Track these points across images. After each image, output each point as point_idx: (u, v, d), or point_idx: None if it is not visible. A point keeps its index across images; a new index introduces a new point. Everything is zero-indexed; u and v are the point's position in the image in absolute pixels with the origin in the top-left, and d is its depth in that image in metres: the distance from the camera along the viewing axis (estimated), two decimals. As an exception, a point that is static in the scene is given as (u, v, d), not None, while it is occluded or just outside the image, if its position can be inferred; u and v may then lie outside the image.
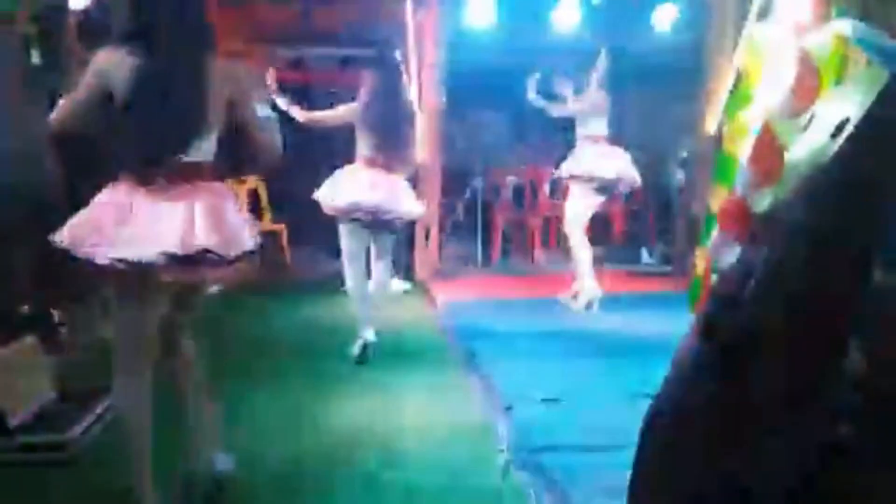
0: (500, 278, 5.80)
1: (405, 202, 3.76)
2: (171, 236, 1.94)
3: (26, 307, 3.82)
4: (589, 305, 4.74)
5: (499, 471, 2.58)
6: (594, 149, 4.70)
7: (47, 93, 3.67)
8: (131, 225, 1.96)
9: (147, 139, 2.01)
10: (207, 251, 1.97)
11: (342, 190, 3.67)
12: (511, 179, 6.55)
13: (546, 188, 6.78)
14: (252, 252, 2.12)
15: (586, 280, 4.75)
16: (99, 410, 2.91)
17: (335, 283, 5.33)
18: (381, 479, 2.53)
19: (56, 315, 4.13)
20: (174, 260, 1.94)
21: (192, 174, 2.04)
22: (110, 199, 2.04)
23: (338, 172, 3.81)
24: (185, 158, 2.03)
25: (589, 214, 4.79)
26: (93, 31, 4.17)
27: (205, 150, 2.09)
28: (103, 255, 1.94)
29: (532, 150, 7.80)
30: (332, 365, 3.73)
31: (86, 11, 3.81)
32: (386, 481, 2.52)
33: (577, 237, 4.77)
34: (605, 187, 4.71)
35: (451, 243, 6.72)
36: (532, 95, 4.78)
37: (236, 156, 2.21)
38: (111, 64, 1.99)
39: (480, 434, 2.90)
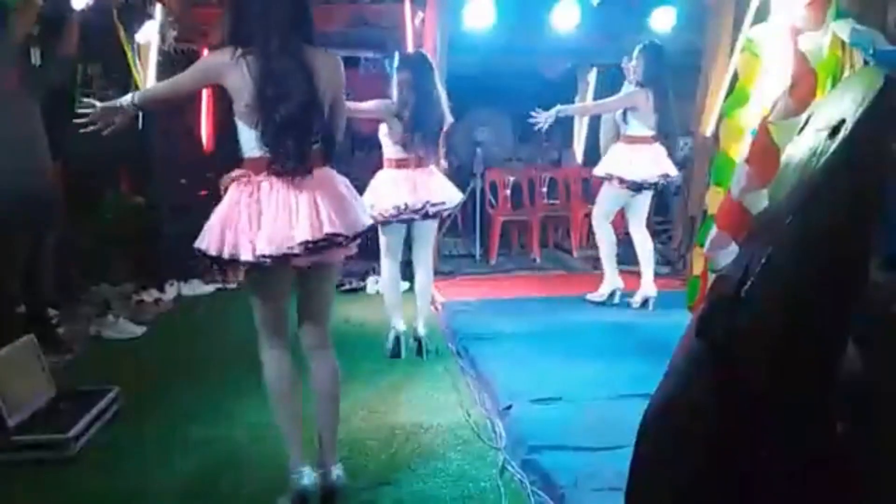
0: (498, 277, 5.80)
1: (448, 192, 3.81)
2: (304, 225, 2.12)
3: (24, 306, 3.83)
4: (647, 301, 4.71)
5: (497, 470, 2.59)
6: (630, 148, 4.61)
7: (45, 93, 3.68)
8: (268, 219, 2.12)
9: (276, 133, 2.14)
10: (336, 234, 2.17)
11: (385, 195, 3.69)
12: (510, 179, 6.56)
13: (544, 188, 6.78)
14: (368, 229, 2.32)
15: (614, 279, 4.79)
16: (98, 409, 2.91)
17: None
18: (379, 479, 2.54)
19: (53, 315, 4.14)
20: (308, 247, 2.12)
21: (310, 162, 2.19)
22: (240, 198, 2.17)
23: (374, 182, 3.80)
24: (302, 148, 2.17)
25: (615, 210, 4.77)
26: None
27: (312, 140, 2.22)
28: (248, 253, 2.11)
29: (530, 149, 7.80)
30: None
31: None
32: (384, 481, 2.53)
33: (602, 236, 4.78)
34: (637, 185, 4.63)
35: (450, 242, 6.72)
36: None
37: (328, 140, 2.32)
38: (224, 65, 2.13)
39: (479, 433, 2.90)
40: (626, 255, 5.09)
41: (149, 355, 3.96)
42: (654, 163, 4.56)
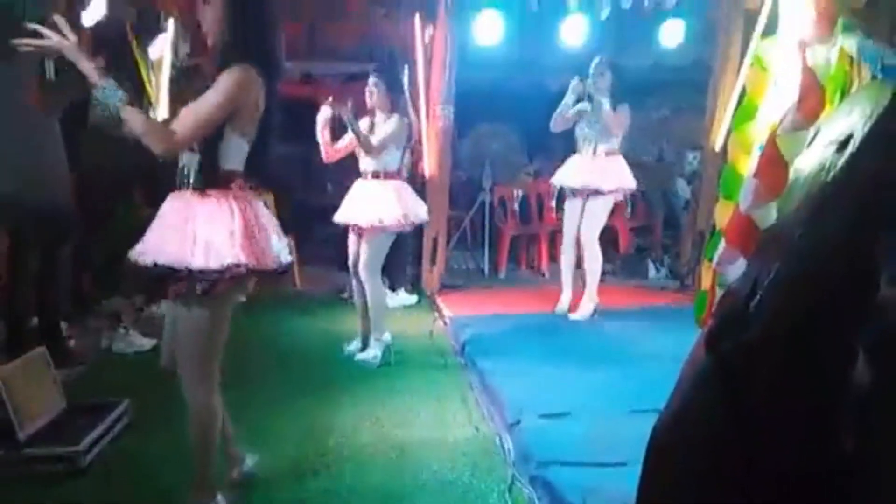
0: (507, 291, 5.79)
1: (416, 207, 4.02)
2: (235, 247, 2.03)
3: (36, 319, 3.85)
4: (594, 314, 4.75)
5: (505, 486, 2.58)
6: (589, 159, 4.71)
7: (61, 108, 3.73)
8: (187, 232, 2.04)
9: (254, 153, 2.14)
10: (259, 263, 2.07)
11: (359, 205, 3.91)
12: (518, 193, 6.57)
13: (553, 202, 6.79)
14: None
15: (565, 294, 4.88)
16: (108, 422, 2.92)
17: (341, 295, 5.38)
18: (387, 493, 2.53)
19: (65, 327, 4.17)
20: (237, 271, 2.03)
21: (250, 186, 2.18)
22: (165, 209, 2.15)
23: (350, 192, 4.00)
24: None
25: (596, 222, 4.78)
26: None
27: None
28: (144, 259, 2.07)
29: (539, 163, 7.81)
30: (338, 377, 3.75)
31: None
32: (391, 495, 2.52)
33: (566, 249, 4.88)
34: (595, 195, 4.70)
35: (459, 256, 6.73)
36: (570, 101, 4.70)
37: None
38: (251, 83, 2.07)
39: (487, 448, 2.89)
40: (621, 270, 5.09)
41: (158, 368, 3.96)
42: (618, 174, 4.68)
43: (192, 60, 5.72)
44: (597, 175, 4.66)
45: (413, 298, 5.52)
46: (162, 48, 5.22)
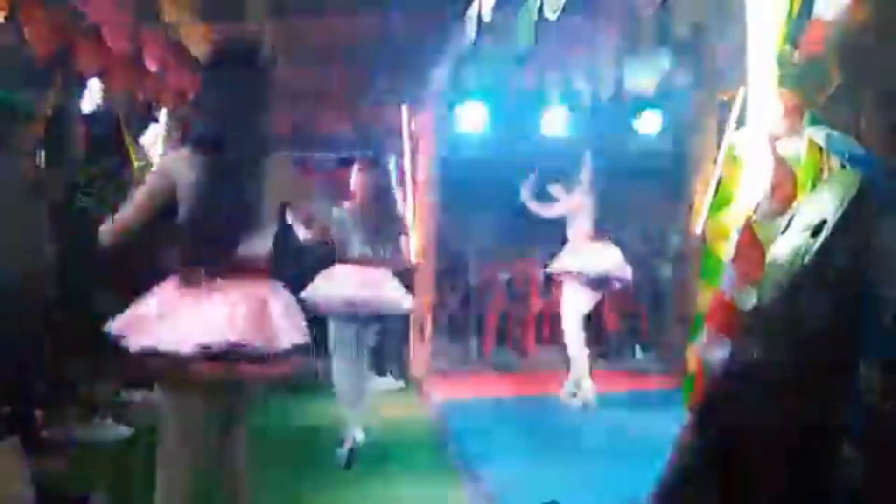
0: (494, 375, 5.74)
1: (397, 295, 3.83)
2: (208, 329, 1.93)
3: (9, 407, 3.74)
4: (586, 405, 4.69)
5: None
6: (584, 246, 4.78)
7: (50, 194, 3.77)
8: (172, 318, 1.97)
9: (206, 235, 2.06)
10: (240, 345, 1.95)
11: (334, 286, 3.72)
12: (503, 275, 6.61)
13: (539, 284, 6.83)
14: (297, 349, 2.11)
15: (583, 380, 4.72)
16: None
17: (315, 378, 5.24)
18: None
19: (38, 416, 4.05)
20: (210, 354, 1.92)
21: (245, 270, 2.08)
22: (160, 294, 2.06)
23: (326, 271, 3.85)
24: (241, 254, 2.07)
25: (584, 311, 4.80)
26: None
27: (258, 246, 2.14)
28: (136, 344, 1.95)
29: (523, 246, 7.90)
30: (317, 469, 3.61)
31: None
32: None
33: (572, 335, 4.76)
34: (597, 282, 4.75)
35: (446, 339, 6.69)
36: (525, 196, 4.89)
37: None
38: (176, 163, 2.07)
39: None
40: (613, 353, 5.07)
41: (135, 459, 3.84)
42: (606, 259, 4.76)
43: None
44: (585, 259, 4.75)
45: (400, 383, 5.45)
46: (153, 137, 5.33)
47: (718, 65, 3.94)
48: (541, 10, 2.99)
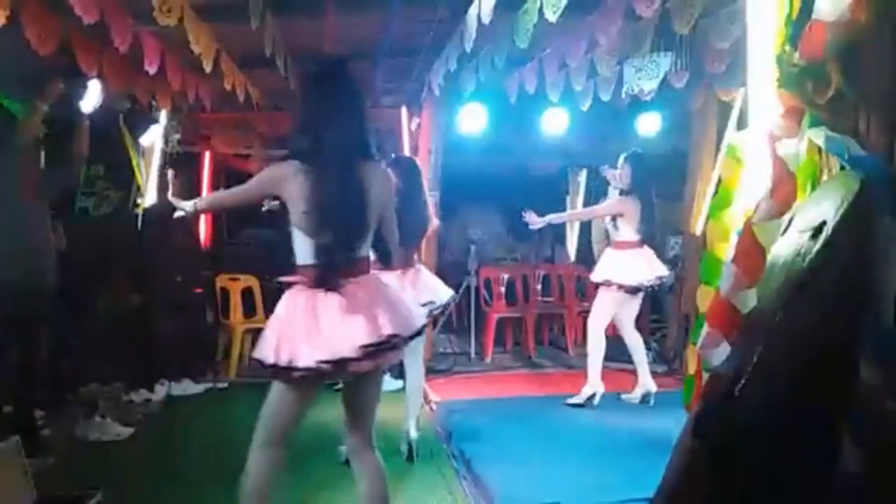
0: (494, 376, 5.73)
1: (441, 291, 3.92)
2: (362, 330, 2.14)
3: (11, 407, 3.74)
4: (646, 398, 4.71)
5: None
6: (625, 254, 4.71)
7: (52, 195, 3.78)
8: (323, 327, 2.14)
9: (327, 244, 2.20)
10: (394, 335, 2.18)
11: None
12: (504, 276, 6.61)
13: (538, 285, 6.83)
14: (424, 326, 2.39)
15: (592, 378, 4.72)
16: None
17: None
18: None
19: (39, 415, 4.05)
20: (368, 351, 2.13)
21: (360, 270, 2.27)
22: (294, 308, 2.21)
23: None
24: (356, 256, 2.26)
25: (612, 314, 4.78)
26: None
27: (365, 248, 2.33)
28: (308, 358, 2.11)
29: (524, 247, 7.91)
30: (319, 469, 3.62)
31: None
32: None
33: (596, 341, 4.73)
34: (635, 290, 4.71)
35: (445, 340, 6.69)
36: (535, 220, 4.81)
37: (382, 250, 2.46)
38: (284, 177, 2.21)
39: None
40: (618, 353, 5.07)
41: (135, 458, 3.84)
42: (647, 266, 4.66)
43: (185, 148, 5.84)
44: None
45: (398, 384, 5.44)
46: (154, 137, 5.33)
47: (718, 65, 3.93)
48: (541, 10, 2.99)
